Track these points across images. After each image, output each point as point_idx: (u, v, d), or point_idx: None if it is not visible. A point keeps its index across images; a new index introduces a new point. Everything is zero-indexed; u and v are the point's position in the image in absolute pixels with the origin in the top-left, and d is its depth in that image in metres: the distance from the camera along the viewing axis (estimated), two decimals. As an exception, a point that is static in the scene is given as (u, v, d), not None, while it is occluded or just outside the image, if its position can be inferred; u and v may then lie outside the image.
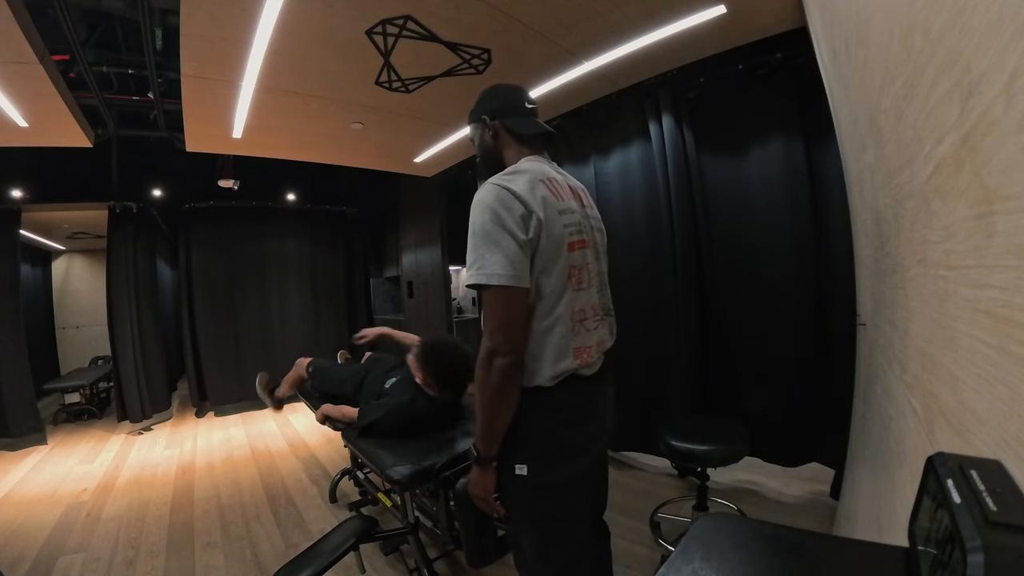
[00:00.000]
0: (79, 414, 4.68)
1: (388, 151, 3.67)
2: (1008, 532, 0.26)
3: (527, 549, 1.02)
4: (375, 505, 2.36)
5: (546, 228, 0.89)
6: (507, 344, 0.88)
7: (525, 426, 0.95)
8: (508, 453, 0.97)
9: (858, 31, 0.85)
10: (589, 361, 0.98)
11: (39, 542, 2.31)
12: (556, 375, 0.93)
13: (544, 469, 0.95)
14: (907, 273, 0.75)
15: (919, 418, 0.66)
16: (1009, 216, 0.35)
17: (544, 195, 0.92)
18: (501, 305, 0.88)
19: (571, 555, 1.00)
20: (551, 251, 0.91)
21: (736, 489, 2.37)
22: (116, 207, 4.28)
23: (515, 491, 0.98)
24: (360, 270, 5.86)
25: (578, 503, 1.01)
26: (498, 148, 1.08)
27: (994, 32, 0.35)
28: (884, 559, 0.41)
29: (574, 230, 0.96)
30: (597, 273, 1.06)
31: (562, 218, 0.93)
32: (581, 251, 0.98)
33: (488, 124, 1.08)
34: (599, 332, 1.03)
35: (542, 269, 0.91)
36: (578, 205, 1.03)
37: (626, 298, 2.76)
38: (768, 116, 2.21)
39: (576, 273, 0.96)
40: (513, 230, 0.86)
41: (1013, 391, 0.36)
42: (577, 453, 0.98)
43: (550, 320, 0.93)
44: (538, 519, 0.99)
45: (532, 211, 0.88)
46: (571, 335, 0.95)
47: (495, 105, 1.09)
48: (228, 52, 2.01)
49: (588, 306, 1.00)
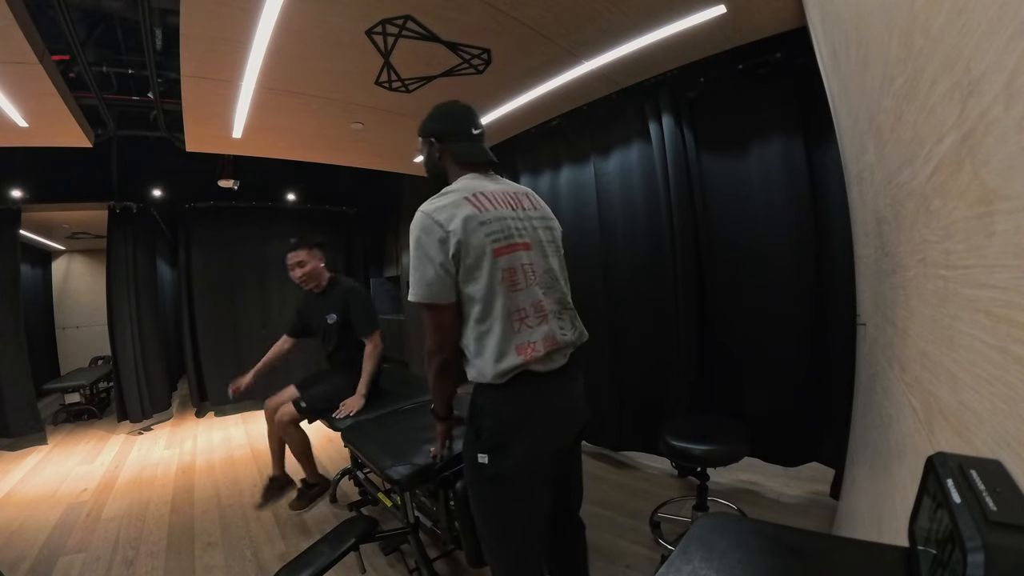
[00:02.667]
0: (79, 414, 4.68)
1: (388, 151, 3.67)
2: (1008, 532, 0.26)
3: (486, 534, 1.13)
4: (375, 505, 2.36)
5: (465, 243, 1.00)
6: (437, 345, 1.07)
7: (481, 419, 1.07)
8: (471, 444, 1.08)
9: (858, 31, 0.85)
10: (536, 356, 1.05)
11: (39, 542, 2.31)
12: (502, 372, 1.02)
13: (500, 459, 1.04)
14: (907, 273, 0.75)
15: (919, 418, 0.66)
16: (1009, 216, 0.35)
17: (466, 213, 1.02)
18: (429, 317, 1.05)
19: (526, 542, 1.10)
20: (474, 261, 1.01)
21: (736, 489, 2.37)
22: (116, 207, 4.28)
23: (477, 479, 1.09)
24: (360, 270, 5.86)
25: (534, 493, 1.10)
26: (442, 167, 1.18)
27: (994, 32, 0.35)
28: (884, 559, 0.41)
29: (499, 236, 1.04)
30: (544, 271, 1.12)
31: (484, 228, 1.02)
32: (512, 254, 1.06)
33: (435, 144, 1.17)
34: (545, 328, 1.08)
35: (466, 278, 1.02)
36: (512, 210, 1.11)
37: (626, 298, 2.76)
38: (768, 116, 2.21)
39: (509, 276, 1.04)
40: (432, 255, 1.00)
41: (1013, 391, 0.36)
42: (532, 446, 1.06)
43: (488, 323, 1.03)
44: (496, 506, 1.09)
45: (449, 232, 1.00)
46: (512, 334, 1.03)
47: (443, 129, 1.17)
48: (228, 52, 2.01)
49: (528, 304, 1.07)
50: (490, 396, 1.06)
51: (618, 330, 2.77)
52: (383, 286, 7.12)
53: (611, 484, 2.57)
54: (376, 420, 2.05)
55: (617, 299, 2.79)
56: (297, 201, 5.39)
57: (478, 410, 1.08)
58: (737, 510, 2.13)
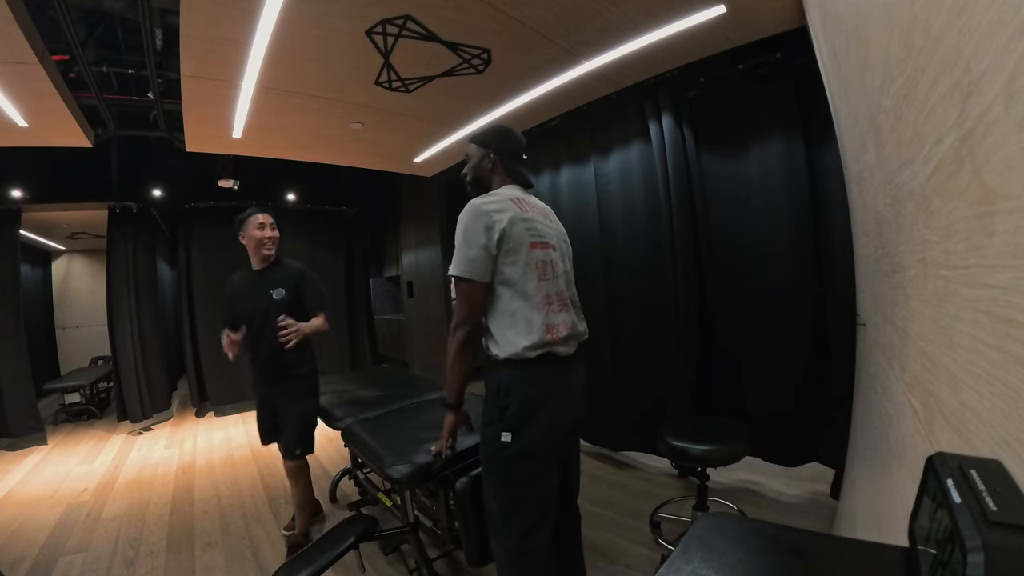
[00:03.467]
0: (79, 414, 4.68)
1: (388, 151, 3.67)
2: (1008, 532, 0.26)
3: (496, 515, 1.20)
4: (375, 505, 2.36)
5: (508, 231, 1.16)
6: (465, 317, 1.18)
7: (508, 397, 1.16)
8: (494, 422, 1.17)
9: (858, 31, 0.85)
10: (558, 338, 1.19)
11: (39, 542, 2.31)
12: (533, 347, 1.15)
13: (524, 436, 1.14)
14: (907, 273, 0.75)
15: (919, 418, 0.66)
16: (1009, 216, 0.35)
17: (511, 209, 1.20)
18: (463, 292, 1.17)
19: (534, 522, 1.17)
20: (515, 246, 1.17)
21: (736, 489, 2.37)
22: (116, 207, 4.29)
23: (498, 457, 1.17)
24: (360, 270, 5.86)
25: (548, 474, 1.20)
26: (489, 176, 1.34)
27: (994, 32, 0.35)
28: (884, 559, 0.41)
29: (534, 234, 1.22)
30: (563, 271, 1.30)
31: (524, 223, 1.20)
32: (544, 250, 1.23)
33: (491, 156, 1.33)
34: (564, 316, 1.24)
35: (506, 260, 1.17)
36: (542, 219, 1.29)
37: (626, 298, 2.76)
38: (768, 116, 2.21)
39: (541, 266, 1.21)
40: (478, 238, 1.15)
41: (1013, 391, 0.36)
42: (551, 424, 1.17)
43: (520, 302, 1.17)
44: (512, 485, 1.17)
45: (495, 221, 1.16)
46: (542, 314, 1.17)
47: (503, 145, 1.35)
48: (228, 52, 2.01)
49: (554, 293, 1.22)
50: (516, 376, 1.16)
51: (618, 330, 2.77)
52: (383, 286, 7.12)
53: (611, 484, 2.57)
54: (376, 419, 2.05)
55: (617, 299, 2.79)
56: (297, 201, 5.39)
57: (504, 389, 1.17)
58: (737, 510, 2.13)
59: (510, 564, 1.19)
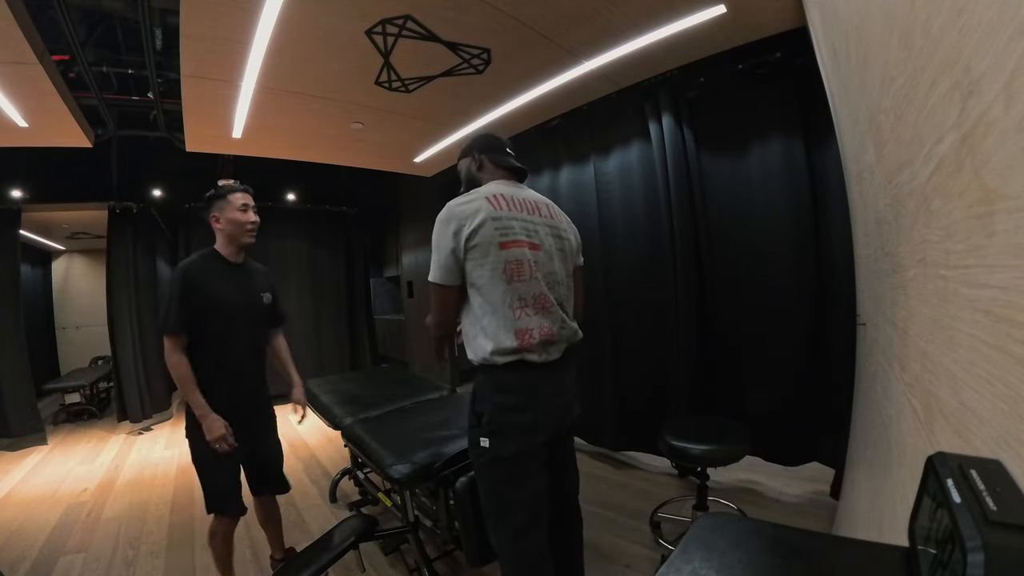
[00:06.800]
0: (79, 414, 4.68)
1: (388, 151, 3.67)
2: (1008, 532, 0.26)
3: (490, 515, 1.22)
4: (375, 505, 2.36)
5: (475, 233, 1.12)
6: (438, 320, 1.22)
7: (482, 404, 1.18)
8: (474, 427, 1.19)
9: (858, 31, 0.85)
10: (531, 344, 1.14)
11: (39, 542, 2.31)
12: (500, 352, 1.13)
13: (498, 444, 1.15)
14: (907, 273, 0.75)
15: (919, 418, 0.66)
16: (1009, 216, 0.35)
17: (482, 209, 1.14)
18: (436, 295, 1.19)
19: (525, 523, 1.17)
20: (482, 248, 1.13)
21: (736, 489, 2.37)
22: (116, 207, 4.29)
23: (480, 461, 1.19)
24: (360, 270, 5.86)
25: (531, 476, 1.19)
26: (478, 176, 1.33)
27: (994, 32, 0.35)
28: (884, 559, 0.41)
29: (506, 233, 1.15)
30: (547, 272, 1.22)
31: (495, 223, 1.14)
32: (519, 249, 1.16)
33: (476, 157, 1.34)
34: (541, 319, 1.17)
35: (474, 265, 1.14)
36: (528, 214, 1.23)
37: (626, 298, 2.76)
38: (768, 116, 2.21)
39: (514, 267, 1.15)
40: (447, 242, 1.13)
41: (1013, 391, 0.36)
42: (527, 433, 1.16)
43: (488, 306, 1.14)
44: (496, 488, 1.19)
45: (463, 224, 1.13)
46: (512, 319, 1.13)
47: (485, 143, 1.36)
48: (228, 52, 2.01)
49: (530, 296, 1.16)
50: (490, 382, 1.17)
51: (618, 330, 2.77)
52: (383, 286, 7.11)
53: (611, 484, 2.57)
54: (376, 419, 2.05)
55: (617, 299, 2.79)
56: (297, 201, 5.39)
57: (479, 395, 1.19)
58: (737, 510, 2.13)
59: (508, 564, 1.20)
